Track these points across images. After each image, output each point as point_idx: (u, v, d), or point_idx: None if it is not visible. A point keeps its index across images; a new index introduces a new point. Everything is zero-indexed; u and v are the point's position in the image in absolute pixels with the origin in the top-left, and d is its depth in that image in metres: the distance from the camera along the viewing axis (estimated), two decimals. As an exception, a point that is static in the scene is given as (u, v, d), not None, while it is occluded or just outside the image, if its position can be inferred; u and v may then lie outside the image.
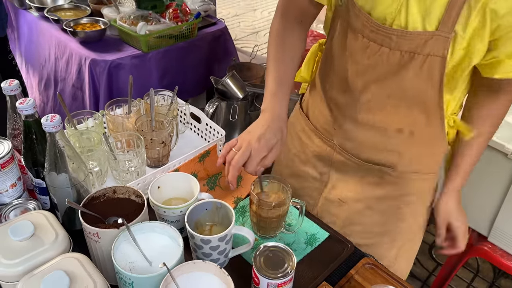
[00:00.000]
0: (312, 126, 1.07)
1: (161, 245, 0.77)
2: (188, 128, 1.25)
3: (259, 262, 0.77)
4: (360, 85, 0.89)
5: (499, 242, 1.44)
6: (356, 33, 0.84)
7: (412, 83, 0.83)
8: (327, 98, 0.99)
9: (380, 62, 0.83)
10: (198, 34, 1.98)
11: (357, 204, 1.04)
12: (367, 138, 0.96)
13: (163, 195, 0.94)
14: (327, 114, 1.01)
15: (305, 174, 1.11)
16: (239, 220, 1.00)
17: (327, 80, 0.98)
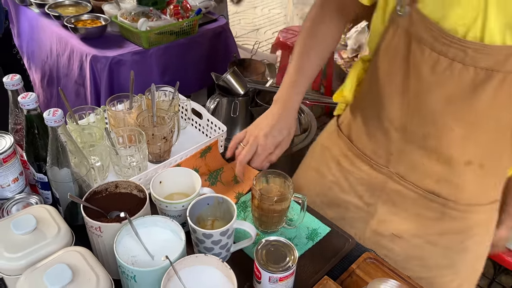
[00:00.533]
0: (357, 151, 0.95)
1: (163, 239, 0.77)
2: (189, 124, 1.25)
3: (261, 256, 0.77)
4: (425, 106, 0.78)
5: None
6: (421, 45, 0.73)
7: (487, 106, 0.72)
8: (383, 120, 0.87)
9: (450, 79, 0.73)
10: (199, 31, 1.98)
11: (415, 239, 0.94)
12: (431, 167, 0.84)
13: (165, 190, 0.94)
14: (382, 138, 0.89)
15: (346, 204, 1.01)
16: (241, 215, 1.00)
17: (382, 100, 0.86)
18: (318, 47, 0.91)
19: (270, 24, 4.62)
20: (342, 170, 1.00)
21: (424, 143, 0.82)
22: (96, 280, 0.66)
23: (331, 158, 1.03)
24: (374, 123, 0.89)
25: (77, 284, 0.65)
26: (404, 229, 0.93)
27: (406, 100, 0.80)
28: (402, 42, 0.76)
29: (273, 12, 4.89)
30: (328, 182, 1.04)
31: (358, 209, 0.99)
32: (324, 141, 1.08)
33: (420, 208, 0.89)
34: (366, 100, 0.92)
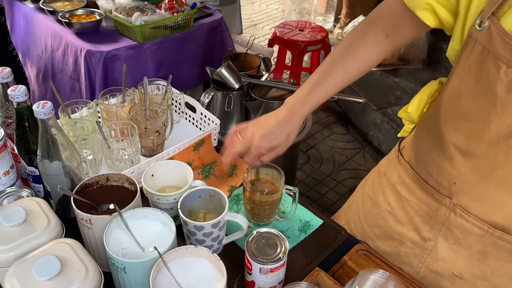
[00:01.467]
0: (418, 178, 0.88)
1: (154, 232, 0.77)
2: (183, 117, 1.25)
3: (252, 248, 0.77)
4: (497, 129, 0.71)
5: None
6: (498, 62, 0.67)
7: None
8: (448, 145, 0.80)
9: None
10: (194, 25, 1.97)
11: (479, 281, 0.84)
12: (500, 199, 0.76)
13: (157, 183, 0.94)
14: (446, 164, 0.81)
15: (401, 237, 0.93)
16: (234, 208, 1.00)
17: (448, 121, 0.79)
18: (348, 65, 0.84)
19: (268, 20, 4.60)
20: (399, 199, 0.93)
21: (492, 173, 0.75)
22: (85, 272, 0.65)
23: (388, 185, 0.96)
24: (439, 148, 0.82)
25: (65, 275, 0.65)
26: (466, 270, 0.84)
27: (474, 123, 0.74)
28: (478, 60, 0.70)
29: (271, 8, 4.87)
30: (383, 211, 0.96)
31: (414, 244, 0.91)
32: (382, 167, 1.01)
33: (486, 246, 0.80)
34: (433, 121, 0.85)
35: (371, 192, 1.02)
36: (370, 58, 0.85)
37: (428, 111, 0.90)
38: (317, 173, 2.55)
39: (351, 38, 0.86)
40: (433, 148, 0.84)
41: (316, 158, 2.69)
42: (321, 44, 2.85)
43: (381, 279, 0.69)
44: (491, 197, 0.76)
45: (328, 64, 0.86)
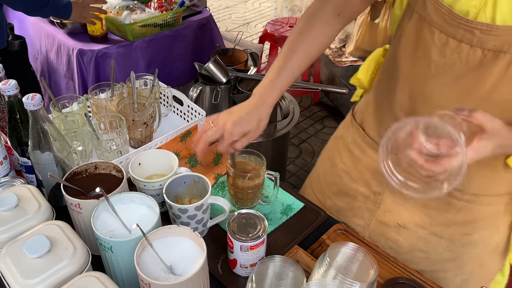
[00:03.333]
0: (368, 138, 0.97)
1: (140, 214, 0.81)
2: (171, 110, 1.29)
3: (232, 227, 0.81)
4: (432, 89, 0.79)
5: None
6: (432, 28, 0.74)
7: (495, 88, 0.72)
8: (393, 106, 0.88)
9: (458, 61, 0.73)
10: (184, 23, 2.01)
11: (420, 230, 0.94)
12: None
13: (144, 171, 0.98)
14: (391, 124, 0.83)
15: (354, 193, 1.02)
16: (219, 194, 1.05)
17: (392, 85, 0.87)
18: (307, 48, 0.89)
19: (260, 18, 4.65)
20: (353, 159, 1.00)
21: None
22: (73, 250, 0.70)
23: (343, 147, 1.04)
24: (385, 110, 0.90)
25: (55, 253, 0.69)
26: (409, 220, 0.94)
27: (414, 85, 0.81)
28: (415, 27, 0.77)
29: (263, 6, 4.91)
30: (339, 170, 1.04)
31: (365, 198, 0.99)
32: (339, 131, 1.09)
33: (428, 200, 0.90)
34: (380, 86, 0.93)
35: (329, 154, 1.11)
36: (324, 39, 0.90)
37: (376, 77, 0.97)
38: (309, 166, 2.60)
39: (304, 24, 0.90)
40: (380, 110, 0.93)
41: (308, 151, 2.74)
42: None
43: (351, 251, 0.73)
44: None
45: (288, 48, 0.89)
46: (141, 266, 0.70)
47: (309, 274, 0.80)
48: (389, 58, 0.88)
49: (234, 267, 0.84)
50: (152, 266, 0.70)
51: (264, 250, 0.83)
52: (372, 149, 0.96)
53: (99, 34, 1.86)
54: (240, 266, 0.83)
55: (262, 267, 0.72)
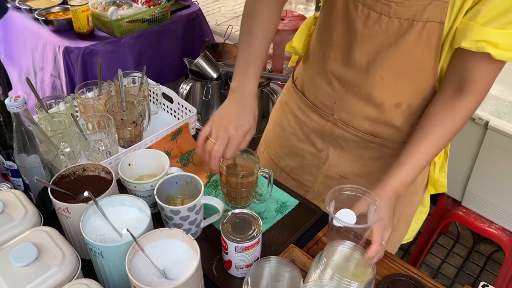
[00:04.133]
0: (309, 103, 1.05)
1: (131, 217, 0.79)
2: (160, 108, 1.26)
3: (227, 228, 0.79)
4: (359, 57, 0.88)
5: (472, 206, 1.49)
6: (356, 2, 0.83)
7: (411, 52, 0.82)
8: (326, 72, 0.97)
9: (379, 31, 0.83)
10: (172, 18, 1.98)
11: (359, 179, 1.03)
12: (367, 112, 0.94)
13: (135, 172, 0.96)
14: (327, 88, 0.98)
15: (303, 152, 1.11)
16: (212, 193, 1.03)
17: (325, 53, 0.95)
18: (261, 30, 0.94)
19: (250, 10, 4.60)
20: (298, 122, 1.09)
21: (359, 91, 0.93)
22: (62, 257, 0.68)
23: (288, 112, 1.12)
24: (320, 75, 0.99)
25: (43, 261, 0.67)
26: (349, 170, 1.04)
27: (342, 52, 0.91)
28: (342, 3, 0.87)
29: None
30: (288, 134, 1.13)
31: (312, 156, 1.09)
32: (283, 97, 1.16)
33: (362, 149, 1.00)
34: (314, 53, 1.01)
35: (277, 119, 1.18)
36: (274, 16, 0.96)
37: (309, 44, 1.04)
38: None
39: (250, 8, 0.95)
40: (316, 76, 1.00)
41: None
42: (302, 33, 2.87)
43: (348, 249, 0.72)
44: (361, 110, 0.95)
45: (246, 35, 0.94)
46: (133, 271, 0.67)
47: (305, 273, 0.79)
48: (320, 26, 0.96)
49: (229, 268, 0.82)
50: (145, 271, 0.68)
51: (259, 250, 0.82)
52: (313, 112, 1.04)
53: (86, 31, 1.81)
54: (235, 267, 0.81)
55: (257, 269, 0.71)
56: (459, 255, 1.95)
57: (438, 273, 1.86)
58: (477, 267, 1.89)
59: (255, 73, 0.93)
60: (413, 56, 0.83)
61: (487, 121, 1.30)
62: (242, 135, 0.90)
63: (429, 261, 1.90)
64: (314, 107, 1.03)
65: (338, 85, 0.95)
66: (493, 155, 1.34)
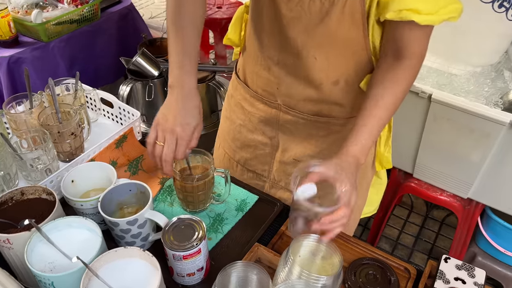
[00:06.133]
0: (253, 92, 1.04)
1: (81, 240, 0.74)
2: (101, 115, 1.18)
3: (168, 234, 0.75)
4: (291, 40, 0.88)
5: (423, 177, 1.54)
6: None
7: (337, 30, 0.83)
8: (264, 59, 0.96)
9: (303, 13, 0.84)
10: (103, 15, 1.86)
11: (312, 159, 0.97)
12: (308, 93, 0.95)
13: (79, 188, 0.89)
14: (267, 75, 0.98)
15: (255, 143, 1.10)
16: (167, 199, 0.98)
17: (260, 40, 0.95)
18: (189, 23, 0.89)
19: (186, 1, 4.48)
20: (245, 113, 1.08)
21: (297, 73, 0.93)
22: (6, 297, 0.61)
23: (235, 104, 1.11)
24: (259, 63, 0.98)
25: (-16, 305, 0.60)
26: (301, 152, 1.04)
27: (275, 37, 0.91)
28: None
29: (187, -12, 4.74)
30: (238, 126, 1.12)
31: (264, 145, 1.09)
32: (230, 90, 1.14)
33: (310, 130, 1.00)
34: (250, 42, 0.99)
35: (227, 113, 1.16)
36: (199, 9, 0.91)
37: (244, 33, 1.03)
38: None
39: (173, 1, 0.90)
40: (256, 64, 0.99)
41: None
42: (241, 20, 2.83)
43: (313, 242, 0.70)
44: (302, 92, 0.95)
45: (175, 29, 0.89)
46: (91, 300, 0.62)
47: (273, 271, 0.77)
48: (251, 14, 0.95)
49: (172, 274, 0.78)
50: (103, 297, 0.63)
51: (203, 259, 0.77)
52: (258, 101, 1.03)
53: (9, 38, 1.67)
54: (176, 274, 0.77)
55: (224, 277, 0.68)
56: (415, 223, 2.02)
57: (398, 244, 1.92)
58: (433, 233, 1.98)
59: (191, 65, 0.88)
60: (340, 33, 0.83)
61: (430, 94, 1.34)
62: (190, 133, 0.86)
63: (387, 233, 1.96)
64: (258, 96, 1.03)
65: (277, 70, 0.95)
66: (438, 127, 1.39)
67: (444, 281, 0.76)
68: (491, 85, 1.39)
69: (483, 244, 1.61)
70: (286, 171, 1.09)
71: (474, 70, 1.44)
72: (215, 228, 0.91)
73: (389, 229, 1.99)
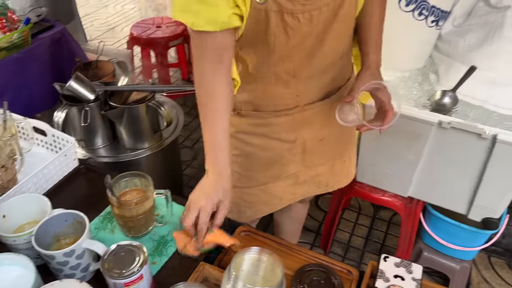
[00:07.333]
0: (268, 113, 1.04)
1: (14, 277, 0.71)
2: (34, 144, 1.14)
3: (107, 262, 0.73)
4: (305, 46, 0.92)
5: (365, 180, 1.60)
6: (294, 15, 0.85)
7: (349, 13, 0.93)
8: (279, 78, 0.98)
9: (320, 19, 0.89)
10: (34, 41, 1.80)
11: (333, 130, 1.13)
12: (325, 81, 1.03)
13: (12, 223, 0.85)
14: (284, 89, 1.00)
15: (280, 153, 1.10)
16: (108, 227, 0.95)
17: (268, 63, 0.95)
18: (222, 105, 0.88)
19: (126, 21, 4.41)
20: (261, 137, 1.08)
21: (314, 72, 0.99)
22: None
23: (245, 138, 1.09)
24: (274, 82, 0.99)
25: None
26: (324, 132, 1.12)
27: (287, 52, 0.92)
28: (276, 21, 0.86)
29: (126, 8, 4.67)
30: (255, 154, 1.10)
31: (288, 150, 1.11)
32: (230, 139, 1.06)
33: (327, 113, 1.08)
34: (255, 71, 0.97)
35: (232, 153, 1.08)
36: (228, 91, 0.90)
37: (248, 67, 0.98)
38: (206, 165, 2.55)
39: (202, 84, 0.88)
40: (267, 86, 1.00)
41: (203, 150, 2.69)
42: (182, 38, 2.83)
43: (255, 255, 0.71)
44: (321, 83, 1.03)
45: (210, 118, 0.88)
46: None
47: (220, 288, 0.77)
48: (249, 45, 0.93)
49: None
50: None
51: (146, 284, 0.76)
52: (277, 117, 1.05)
53: None
54: None
55: (167, 301, 0.66)
56: (364, 225, 2.09)
57: (349, 246, 1.97)
58: (382, 233, 2.05)
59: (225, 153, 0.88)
60: (349, 15, 0.94)
61: (364, 101, 1.40)
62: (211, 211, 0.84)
63: (339, 237, 2.01)
64: (279, 112, 1.04)
65: (295, 81, 0.99)
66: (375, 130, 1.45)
67: (385, 280, 0.79)
68: (419, 88, 1.48)
69: (427, 239, 1.68)
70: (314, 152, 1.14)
71: (403, 75, 1.53)
72: (159, 251, 0.89)
73: (340, 233, 2.03)
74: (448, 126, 1.28)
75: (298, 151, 1.12)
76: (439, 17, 1.45)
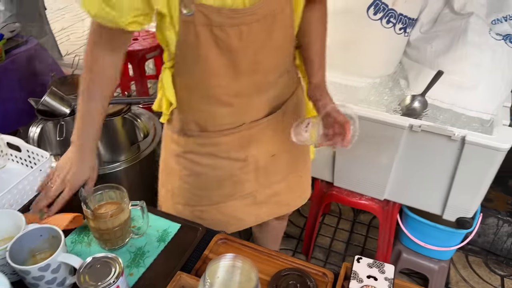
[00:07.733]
0: (214, 133, 1.04)
1: (-13, 295, 0.69)
2: (8, 160, 1.13)
3: (82, 276, 0.73)
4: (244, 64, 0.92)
5: (342, 184, 1.62)
6: (224, 28, 0.85)
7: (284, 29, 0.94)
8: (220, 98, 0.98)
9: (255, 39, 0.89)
10: (8, 57, 1.79)
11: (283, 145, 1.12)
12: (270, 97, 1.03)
13: (-15, 240, 0.84)
14: (227, 110, 1.00)
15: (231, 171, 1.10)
16: (84, 240, 0.95)
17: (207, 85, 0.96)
18: (98, 88, 0.95)
19: (102, 35, 4.40)
20: (211, 157, 1.07)
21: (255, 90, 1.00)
22: None
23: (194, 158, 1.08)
24: (217, 104, 0.99)
25: None
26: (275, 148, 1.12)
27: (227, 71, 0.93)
28: (206, 35, 0.85)
29: (103, 21, 4.66)
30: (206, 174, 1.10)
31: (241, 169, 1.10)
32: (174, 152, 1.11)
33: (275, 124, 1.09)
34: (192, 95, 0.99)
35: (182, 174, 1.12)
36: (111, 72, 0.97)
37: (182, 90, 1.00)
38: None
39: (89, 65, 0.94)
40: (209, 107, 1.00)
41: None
42: (159, 50, 2.83)
43: (229, 261, 0.72)
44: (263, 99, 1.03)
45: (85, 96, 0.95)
46: None
47: (196, 297, 0.77)
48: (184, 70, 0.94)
49: None
50: None
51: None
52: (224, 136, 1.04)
53: None
54: None
55: (142, 310, 0.67)
56: (344, 229, 2.11)
57: (330, 251, 2.00)
58: (362, 236, 2.08)
59: (93, 131, 0.97)
60: (286, 33, 0.96)
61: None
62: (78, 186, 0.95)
63: (320, 242, 2.03)
64: (226, 131, 1.04)
65: (238, 100, 0.99)
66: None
67: (358, 281, 0.81)
68: (390, 93, 1.52)
69: (405, 240, 1.72)
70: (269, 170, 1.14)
71: (374, 81, 1.57)
72: (136, 263, 0.90)
73: (322, 238, 2.05)
74: (419, 129, 1.32)
75: (251, 169, 1.11)
76: (407, 24, 1.50)
